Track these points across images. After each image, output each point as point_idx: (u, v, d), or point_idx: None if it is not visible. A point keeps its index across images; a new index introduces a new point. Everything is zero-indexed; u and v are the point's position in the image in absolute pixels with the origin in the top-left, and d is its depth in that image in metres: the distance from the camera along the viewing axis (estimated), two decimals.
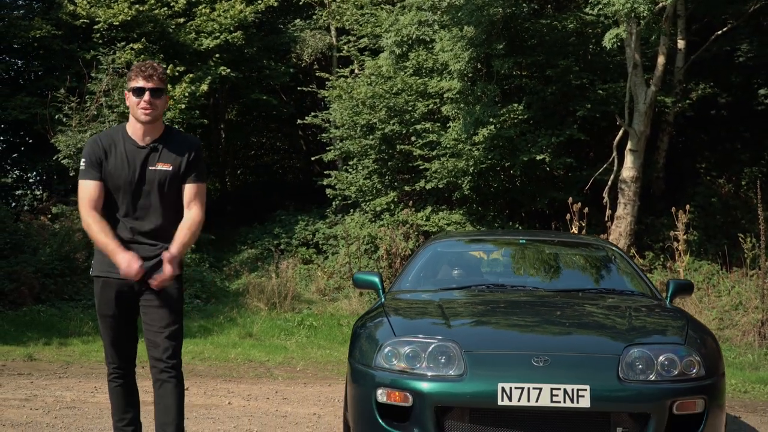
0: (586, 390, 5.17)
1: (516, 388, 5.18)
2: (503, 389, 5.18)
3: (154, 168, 5.47)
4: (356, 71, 20.84)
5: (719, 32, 17.49)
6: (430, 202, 18.25)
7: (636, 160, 16.19)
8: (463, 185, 17.23)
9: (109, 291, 5.47)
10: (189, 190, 5.57)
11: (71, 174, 17.81)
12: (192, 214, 5.57)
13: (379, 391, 5.41)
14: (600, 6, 14.77)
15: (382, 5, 20.70)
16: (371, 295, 16.10)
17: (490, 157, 16.92)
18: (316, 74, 21.77)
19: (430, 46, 18.14)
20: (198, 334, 13.04)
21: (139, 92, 5.40)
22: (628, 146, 16.21)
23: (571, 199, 15.23)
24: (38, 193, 17.74)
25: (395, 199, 18.39)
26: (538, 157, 16.68)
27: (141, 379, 6.10)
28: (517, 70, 17.84)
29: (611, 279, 7.34)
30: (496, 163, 17.18)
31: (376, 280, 7.11)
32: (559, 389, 5.17)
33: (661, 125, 18.26)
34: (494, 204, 18.26)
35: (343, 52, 21.42)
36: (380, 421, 5.39)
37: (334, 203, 19.77)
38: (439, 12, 16.58)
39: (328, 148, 20.27)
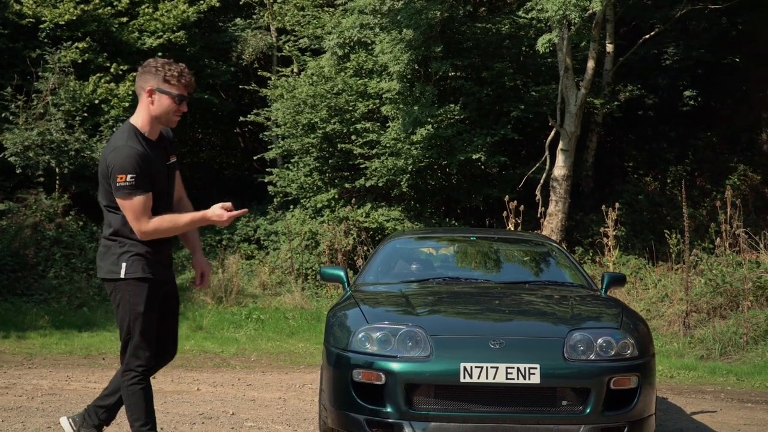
0: (536, 368, 5.84)
1: (476, 367, 5.83)
2: (465, 368, 5.83)
3: (170, 162, 5.60)
4: (296, 71, 21.16)
5: (647, 36, 18.25)
6: (369, 199, 18.51)
7: (567, 159, 16.78)
8: (402, 183, 17.64)
9: (156, 291, 5.45)
10: (178, 178, 5.74)
11: (17, 171, 18.10)
12: (188, 203, 5.82)
13: (355, 372, 6.01)
14: (533, 11, 15.51)
15: (324, 7, 21.10)
16: (312, 289, 16.69)
17: (428, 156, 17.41)
18: (258, 73, 22.05)
19: (371, 48, 18.52)
20: None
21: (181, 100, 5.46)
22: (560, 146, 16.78)
23: (507, 197, 15.91)
24: None
25: (336, 196, 18.59)
26: (473, 156, 17.22)
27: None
28: (454, 71, 18.33)
29: (553, 272, 8.09)
30: (433, 161, 17.70)
31: (342, 273, 7.74)
32: (513, 368, 5.83)
33: (591, 125, 18.86)
34: (431, 201, 18.73)
35: (284, 51, 21.69)
36: (357, 398, 5.99)
37: (275, 200, 19.92)
38: (379, 15, 17.06)
39: (269, 147, 20.50)
